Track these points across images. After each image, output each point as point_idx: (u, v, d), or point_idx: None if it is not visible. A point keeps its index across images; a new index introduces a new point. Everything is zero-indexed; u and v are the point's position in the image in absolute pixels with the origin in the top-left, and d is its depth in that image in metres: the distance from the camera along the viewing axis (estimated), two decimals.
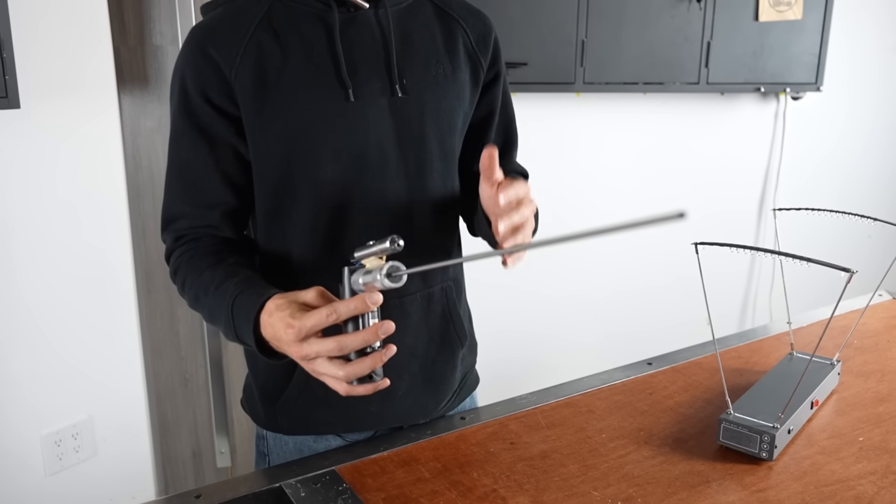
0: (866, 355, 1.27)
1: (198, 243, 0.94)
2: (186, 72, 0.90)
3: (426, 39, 0.97)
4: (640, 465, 0.92)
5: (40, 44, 1.58)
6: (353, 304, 0.73)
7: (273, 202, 0.95)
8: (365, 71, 0.92)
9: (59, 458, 1.76)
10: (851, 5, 2.82)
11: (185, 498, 0.86)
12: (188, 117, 0.92)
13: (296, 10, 0.91)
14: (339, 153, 0.92)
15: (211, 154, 0.92)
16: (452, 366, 1.07)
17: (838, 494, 0.86)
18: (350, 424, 1.02)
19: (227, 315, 0.83)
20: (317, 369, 0.76)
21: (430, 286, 1.02)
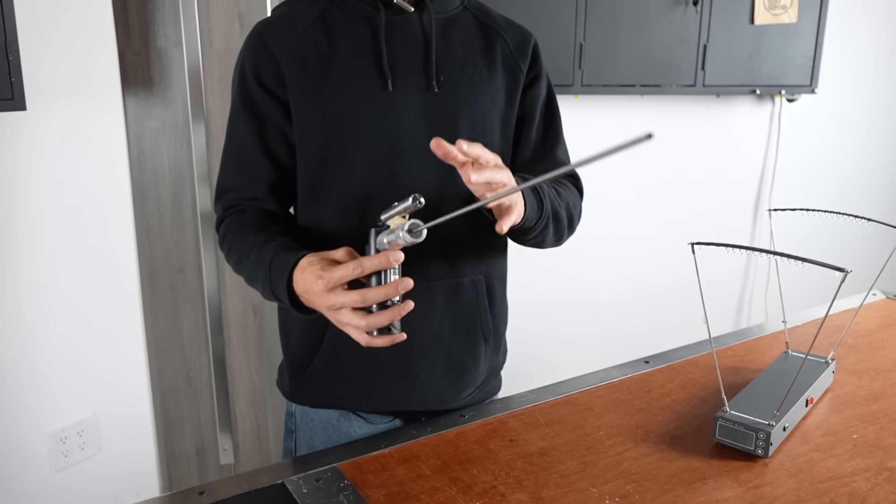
0: (860, 354, 1.27)
1: (244, 214, 1.03)
2: (246, 58, 1.00)
3: (465, 45, 1.04)
4: (637, 462, 0.92)
5: (46, 47, 1.58)
6: (378, 260, 0.80)
7: (310, 182, 1.02)
8: (405, 66, 0.99)
9: (64, 456, 1.76)
10: (845, 9, 2.82)
11: (188, 494, 0.86)
12: (244, 98, 1.01)
13: (347, 11, 1.00)
14: (373, 139, 0.99)
15: (261, 133, 1.01)
16: (475, 358, 1.10)
17: (833, 491, 0.86)
18: (370, 402, 1.06)
19: (266, 274, 0.91)
20: (341, 319, 0.83)
21: (460, 277, 1.05)
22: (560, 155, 1.14)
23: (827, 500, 0.84)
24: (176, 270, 2.02)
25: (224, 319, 2.10)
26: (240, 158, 1.03)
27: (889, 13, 2.99)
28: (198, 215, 2.00)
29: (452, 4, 1.06)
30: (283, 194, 1.05)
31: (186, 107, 1.93)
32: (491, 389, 1.18)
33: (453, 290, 1.05)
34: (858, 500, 0.84)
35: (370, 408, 1.08)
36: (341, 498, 0.84)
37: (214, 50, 1.95)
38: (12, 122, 1.56)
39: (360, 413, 1.09)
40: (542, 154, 1.11)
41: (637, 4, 2.32)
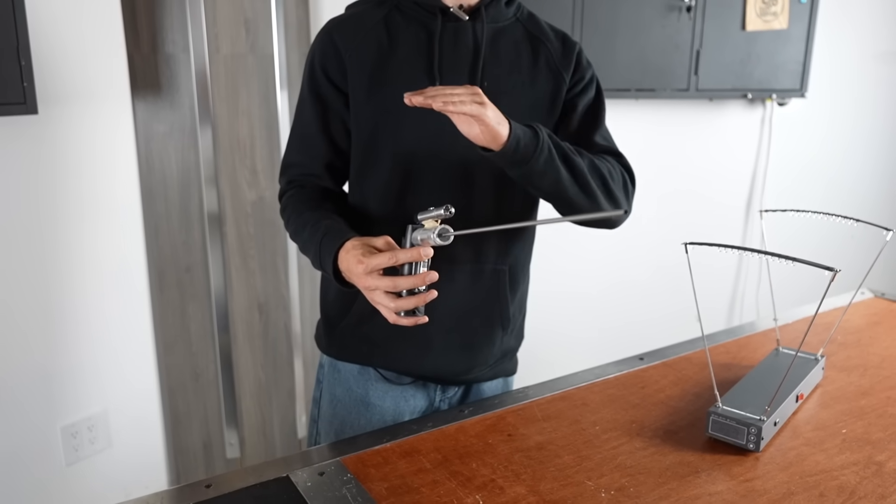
0: (849, 351, 1.27)
1: (303, 190, 1.12)
2: (316, 51, 1.09)
3: (512, 53, 1.10)
4: (632, 456, 0.92)
5: (57, 52, 1.58)
6: (410, 254, 0.90)
7: (360, 164, 1.10)
8: (453, 68, 1.06)
9: (75, 450, 1.76)
10: (835, 16, 2.82)
11: (195, 487, 0.86)
12: (311, 86, 1.10)
13: (408, 16, 1.07)
14: (416, 133, 1.06)
15: (323, 118, 1.10)
16: (490, 341, 1.15)
17: (822, 484, 0.86)
18: (387, 362, 1.14)
19: (316, 249, 1.01)
20: (374, 298, 0.93)
21: (482, 264, 1.11)
22: (598, 139, 1.15)
23: (816, 494, 0.84)
24: (183, 270, 2.02)
25: (230, 318, 2.10)
26: (303, 139, 1.13)
27: (876, 20, 2.99)
28: (205, 216, 2.00)
29: (505, 16, 1.11)
30: (338, 173, 1.14)
31: (194, 110, 1.93)
32: (504, 370, 1.23)
33: (475, 275, 1.11)
34: (847, 493, 0.84)
35: (387, 367, 1.15)
36: (344, 491, 0.84)
37: (221, 55, 1.95)
38: (24, 125, 1.56)
39: (380, 370, 1.15)
40: (580, 135, 1.13)
41: (632, 11, 2.32)
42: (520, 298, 1.20)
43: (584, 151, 1.08)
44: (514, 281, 1.15)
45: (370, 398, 1.15)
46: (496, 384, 1.23)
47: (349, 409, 1.16)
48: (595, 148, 1.13)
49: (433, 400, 1.19)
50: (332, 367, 1.19)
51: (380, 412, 1.15)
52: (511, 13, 1.13)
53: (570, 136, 1.13)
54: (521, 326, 1.24)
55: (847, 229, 1.19)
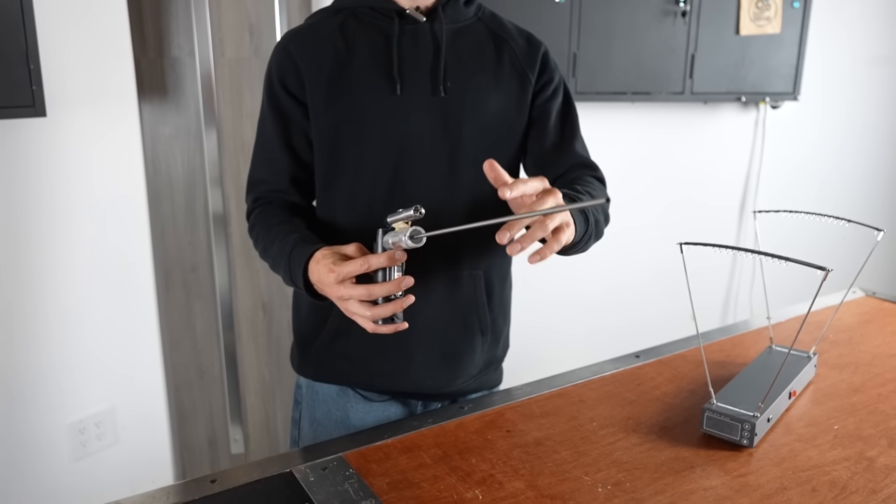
0: (841, 348, 1.27)
1: (271, 205, 1.08)
2: (273, 64, 1.05)
3: (475, 53, 1.05)
4: (628, 452, 0.92)
5: (66, 56, 1.58)
6: (383, 258, 0.85)
7: (324, 176, 1.06)
8: (414, 72, 1.02)
9: (83, 445, 1.76)
10: (827, 20, 2.82)
11: (201, 482, 0.86)
12: (271, 101, 1.06)
13: (365, 23, 1.03)
14: (380, 139, 1.02)
15: (285, 132, 1.06)
16: (470, 349, 1.10)
17: (815, 479, 0.86)
18: (367, 380, 1.10)
19: (286, 263, 0.96)
20: (349, 308, 0.89)
21: (458, 270, 1.06)
22: (578, 148, 1.13)
23: (809, 488, 0.84)
24: (189, 269, 2.02)
25: (235, 316, 2.10)
26: (267, 155, 1.08)
27: (868, 25, 2.99)
28: (210, 217, 2.00)
29: (465, 15, 1.07)
30: (305, 187, 1.09)
31: (199, 113, 1.93)
32: (489, 381, 1.18)
33: (451, 282, 1.06)
34: (839, 488, 0.84)
35: (367, 385, 1.10)
36: (346, 486, 0.84)
37: (226, 59, 1.95)
38: (33, 127, 1.56)
39: (358, 390, 1.11)
40: (562, 146, 1.12)
41: (628, 16, 2.32)
42: (500, 304, 1.14)
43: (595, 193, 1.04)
44: (490, 285, 1.10)
45: (350, 420, 1.10)
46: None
47: (330, 433, 1.11)
48: (575, 158, 1.12)
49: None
50: (309, 388, 1.14)
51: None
52: (471, 13, 1.08)
53: (550, 147, 1.11)
54: (506, 336, 1.19)
55: (839, 229, 1.19)
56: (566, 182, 1.09)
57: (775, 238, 2.36)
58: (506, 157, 1.08)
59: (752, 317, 1.58)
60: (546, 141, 1.11)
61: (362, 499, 0.81)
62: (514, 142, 1.09)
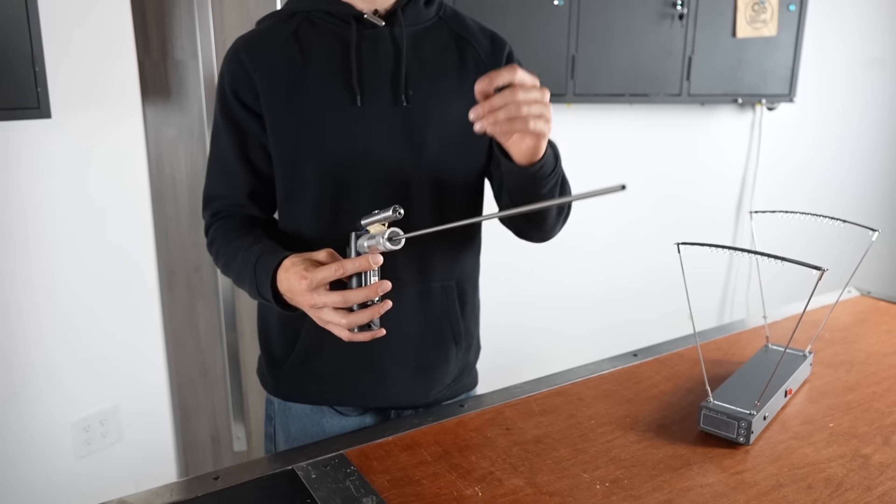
0: (836, 347, 1.27)
1: (230, 220, 1.02)
2: (224, 74, 0.99)
3: (437, 57, 0.99)
4: (626, 449, 0.92)
5: (70, 58, 1.58)
6: (359, 263, 0.80)
7: (286, 187, 1.00)
8: (374, 81, 0.96)
9: (87, 443, 1.76)
10: (822, 23, 2.82)
11: (204, 480, 0.86)
12: (224, 112, 0.99)
13: (320, 27, 0.97)
14: (342, 152, 0.96)
15: (241, 144, 0.99)
16: (445, 360, 1.07)
17: (810, 476, 0.86)
18: (341, 398, 1.05)
19: (251, 274, 0.90)
20: (323, 317, 0.82)
21: (430, 283, 1.02)
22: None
23: (805, 486, 0.84)
24: (192, 269, 2.02)
25: (237, 315, 2.10)
26: (223, 169, 1.02)
27: (863, 27, 2.99)
28: None
29: (426, 16, 1.00)
30: (264, 201, 1.03)
31: (202, 115, 1.93)
32: (463, 386, 1.14)
33: (423, 294, 1.02)
34: (834, 485, 0.84)
35: (340, 402, 1.06)
36: (347, 483, 0.84)
37: None
38: (38, 129, 1.56)
39: (334, 406, 1.07)
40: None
41: (626, 19, 2.32)
42: (471, 312, 1.11)
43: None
44: (462, 295, 1.07)
45: (327, 434, 1.06)
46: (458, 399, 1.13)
47: None
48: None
49: None
50: (282, 406, 1.09)
51: None
52: (433, 12, 1.01)
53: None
54: (477, 340, 1.16)
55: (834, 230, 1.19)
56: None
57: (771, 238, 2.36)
58: (472, 166, 1.04)
59: (749, 316, 1.58)
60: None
61: (363, 496, 0.81)
62: (481, 149, 1.04)
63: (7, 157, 1.54)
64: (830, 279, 0.92)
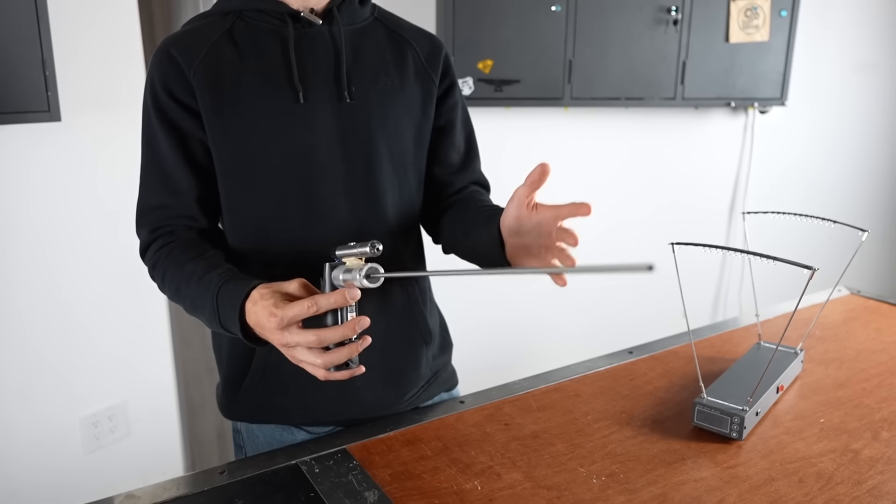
0: (827, 345, 1.27)
1: (174, 237, 0.92)
2: (155, 73, 0.91)
3: (376, 55, 0.96)
4: (622, 444, 0.92)
5: (79, 62, 1.58)
6: (334, 299, 0.72)
7: (228, 194, 0.93)
8: (316, 78, 0.92)
9: (96, 438, 1.76)
10: (813, 28, 2.82)
11: (210, 474, 0.86)
12: (159, 114, 0.91)
13: (255, 26, 0.92)
14: (286, 151, 0.91)
15: (181, 146, 0.91)
16: (415, 362, 1.01)
17: (801, 471, 0.86)
18: (307, 414, 0.98)
19: (213, 304, 0.80)
20: (296, 356, 0.75)
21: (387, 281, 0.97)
22: (478, 165, 1.09)
23: (796, 480, 0.84)
24: None
25: None
26: (162, 177, 0.92)
27: (854, 32, 2.99)
28: None
29: (362, 16, 0.97)
30: (210, 207, 0.95)
31: None
32: (441, 385, 1.09)
33: (382, 298, 0.95)
34: (825, 479, 0.84)
35: (308, 420, 0.99)
36: (350, 477, 0.84)
37: None
38: (48, 131, 1.56)
39: (302, 426, 1.00)
40: (466, 163, 1.06)
41: (622, 24, 2.32)
42: (432, 308, 1.06)
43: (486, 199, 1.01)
44: (422, 290, 1.03)
45: None
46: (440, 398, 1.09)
47: None
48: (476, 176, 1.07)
49: None
50: (249, 432, 1.01)
51: None
52: (367, 13, 0.98)
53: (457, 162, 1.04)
54: (443, 335, 1.09)
55: (825, 230, 1.19)
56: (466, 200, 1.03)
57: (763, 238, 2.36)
58: (419, 162, 1.01)
59: (741, 314, 1.57)
60: (453, 155, 1.04)
61: (365, 490, 0.81)
62: (421, 143, 1.01)
63: (18, 159, 1.54)
64: (821, 278, 0.92)
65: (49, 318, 1.65)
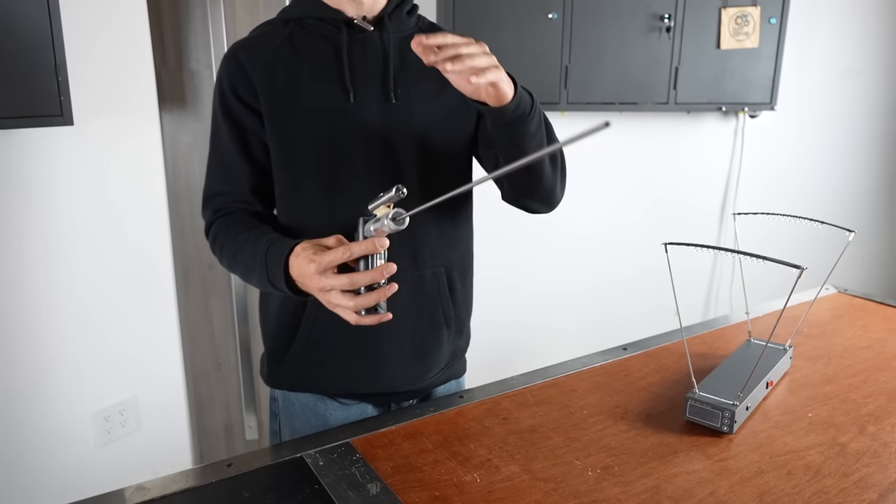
0: (815, 342, 1.27)
1: (232, 216, 1.01)
2: (223, 75, 0.99)
3: (420, 61, 0.96)
4: (616, 438, 0.92)
5: (91, 68, 1.58)
6: (365, 246, 0.78)
7: (283, 183, 1.00)
8: (365, 80, 0.97)
9: (107, 432, 1.76)
10: (801, 35, 2.82)
11: (217, 467, 0.86)
12: (224, 111, 1.00)
13: (313, 32, 0.98)
14: (337, 145, 0.97)
15: (241, 141, 0.99)
16: (438, 343, 1.07)
17: (790, 463, 0.86)
18: (343, 384, 1.04)
19: (262, 263, 0.88)
20: (331, 300, 0.81)
21: (422, 270, 1.03)
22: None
23: (785, 472, 0.84)
24: (206, 268, 2.02)
25: (249, 311, 2.10)
26: (224, 166, 1.01)
27: (841, 40, 2.99)
28: None
29: (408, 25, 1.03)
30: (265, 196, 1.03)
31: None
32: (455, 371, 1.16)
33: (416, 281, 1.02)
34: (813, 471, 0.84)
35: (343, 390, 1.06)
36: (353, 470, 0.84)
37: None
38: (62, 135, 1.56)
39: (336, 397, 1.06)
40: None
41: (616, 31, 2.32)
42: (462, 298, 1.11)
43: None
44: (451, 280, 1.07)
45: (330, 426, 1.05)
46: (448, 388, 1.15)
47: None
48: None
49: None
50: (285, 399, 1.08)
51: None
52: (412, 23, 1.04)
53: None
54: (468, 328, 1.16)
55: (813, 231, 1.19)
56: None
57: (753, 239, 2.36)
58: (457, 156, 1.06)
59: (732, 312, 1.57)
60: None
61: (368, 482, 0.81)
62: (463, 138, 1.05)
63: (32, 162, 1.54)
64: (809, 277, 0.92)
65: (61, 317, 1.65)
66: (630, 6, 2.32)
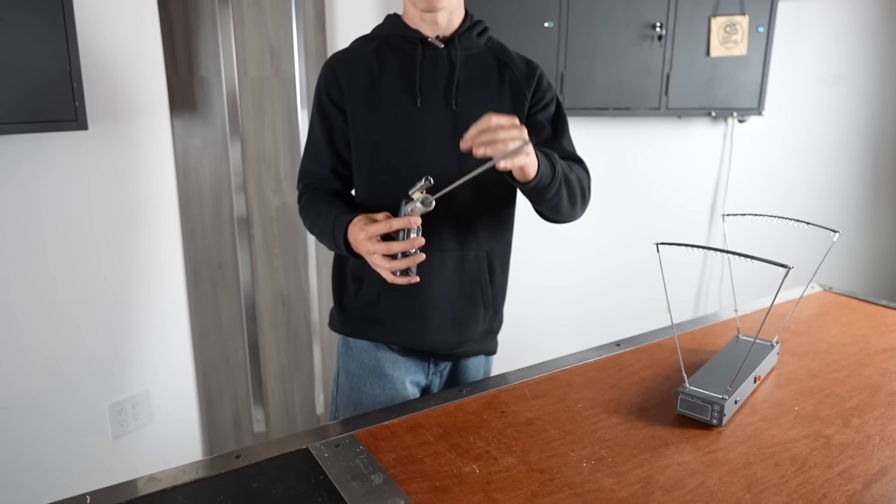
0: (801, 338, 1.27)
1: (317, 191, 1.18)
2: (321, 79, 1.16)
3: (482, 75, 1.15)
4: (610, 430, 0.92)
5: (105, 75, 1.58)
6: (402, 221, 0.96)
7: (363, 168, 1.15)
8: (432, 88, 1.11)
9: (121, 425, 1.76)
10: (788, 43, 2.82)
11: (226, 458, 0.86)
12: (319, 108, 1.16)
13: (395, 48, 1.14)
14: (405, 145, 1.11)
15: (329, 133, 1.16)
16: (475, 317, 1.18)
17: (777, 455, 0.86)
18: (392, 338, 1.18)
19: (330, 229, 1.07)
20: (374, 261, 1.00)
21: (466, 251, 1.15)
22: (565, 144, 1.20)
23: (772, 463, 0.84)
24: (216, 267, 2.02)
25: (257, 309, 2.10)
26: (314, 152, 1.18)
27: (827, 47, 2.99)
28: (234, 219, 1.99)
29: (477, 44, 1.16)
30: (343, 178, 1.19)
31: (225, 127, 1.93)
32: (487, 347, 1.26)
33: (460, 260, 1.14)
34: (799, 462, 0.84)
35: (393, 341, 1.18)
36: (357, 461, 0.84)
37: (249, 78, 1.95)
38: (76, 140, 1.57)
39: (388, 344, 1.19)
40: (550, 141, 1.18)
41: (610, 39, 2.32)
42: (499, 284, 1.22)
43: (573, 166, 1.13)
44: (491, 266, 1.18)
45: (381, 367, 1.18)
46: (479, 361, 1.26)
47: (363, 381, 1.19)
48: (562, 152, 1.17)
49: (427, 373, 1.22)
50: (345, 346, 1.22)
51: (390, 381, 1.18)
52: (482, 43, 1.17)
53: (541, 142, 1.18)
54: (501, 310, 1.26)
55: (800, 231, 1.19)
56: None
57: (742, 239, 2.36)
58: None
59: (721, 309, 1.57)
60: (538, 138, 1.18)
61: (371, 472, 0.81)
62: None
63: (48, 166, 1.54)
64: (796, 276, 0.92)
65: (77, 315, 1.65)
66: (623, 15, 2.32)
